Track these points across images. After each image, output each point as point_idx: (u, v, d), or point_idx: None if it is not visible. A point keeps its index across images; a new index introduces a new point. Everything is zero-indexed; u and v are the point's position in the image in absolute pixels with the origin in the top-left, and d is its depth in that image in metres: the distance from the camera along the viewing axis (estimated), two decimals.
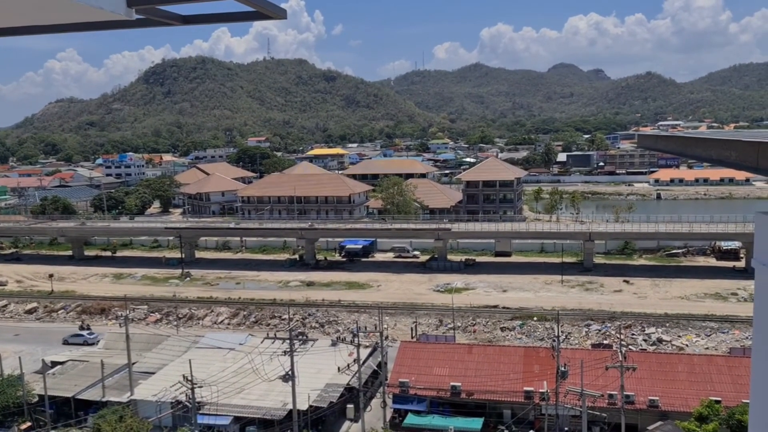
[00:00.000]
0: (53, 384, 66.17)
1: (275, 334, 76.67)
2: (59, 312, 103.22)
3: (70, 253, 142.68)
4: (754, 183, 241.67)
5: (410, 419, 59.99)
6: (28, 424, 62.10)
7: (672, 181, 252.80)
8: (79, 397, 64.89)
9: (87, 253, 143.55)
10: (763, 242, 8.25)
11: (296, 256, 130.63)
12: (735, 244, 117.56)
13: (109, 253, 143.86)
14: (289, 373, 55.07)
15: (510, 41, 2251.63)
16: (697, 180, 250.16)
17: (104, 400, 63.31)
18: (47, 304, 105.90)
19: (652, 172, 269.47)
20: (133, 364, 66.00)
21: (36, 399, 64.49)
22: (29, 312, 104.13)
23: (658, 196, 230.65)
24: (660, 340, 79.89)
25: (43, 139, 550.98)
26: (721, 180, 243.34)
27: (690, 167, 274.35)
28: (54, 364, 73.71)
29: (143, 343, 74.92)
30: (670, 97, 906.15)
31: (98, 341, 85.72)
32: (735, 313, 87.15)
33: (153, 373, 67.06)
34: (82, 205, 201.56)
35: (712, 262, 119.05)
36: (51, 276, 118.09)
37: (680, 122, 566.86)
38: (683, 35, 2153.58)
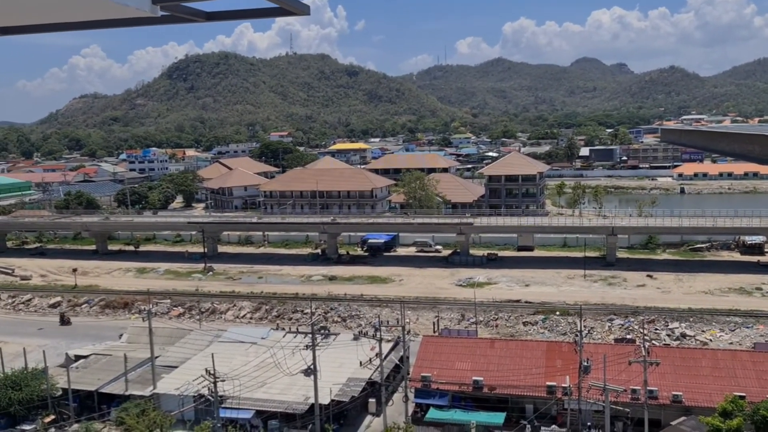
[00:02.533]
0: (76, 377, 66.70)
1: (297, 329, 77.05)
2: (83, 306, 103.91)
3: (93, 247, 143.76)
4: None
5: (432, 414, 59.94)
6: (52, 417, 62.67)
7: (696, 175, 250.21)
8: (102, 390, 65.32)
9: (110, 247, 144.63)
10: None
11: (318, 251, 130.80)
12: (760, 239, 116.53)
13: (132, 248, 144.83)
14: (311, 367, 55.28)
15: (532, 36, 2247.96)
16: (721, 174, 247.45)
17: (127, 393, 63.71)
18: (71, 299, 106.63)
19: (676, 166, 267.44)
20: (156, 358, 66.47)
21: (60, 392, 64.86)
22: (53, 306, 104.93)
23: (682, 191, 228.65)
24: (683, 335, 79.34)
25: (67, 135, 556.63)
26: (746, 174, 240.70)
27: (714, 161, 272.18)
28: (77, 357, 74.30)
29: (166, 337, 75.44)
30: (694, 91, 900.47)
31: None
32: (760, 307, 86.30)
33: (176, 367, 67.42)
34: (106, 200, 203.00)
35: (737, 256, 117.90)
36: (75, 270, 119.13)
37: (704, 116, 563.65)
38: (707, 29, 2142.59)
